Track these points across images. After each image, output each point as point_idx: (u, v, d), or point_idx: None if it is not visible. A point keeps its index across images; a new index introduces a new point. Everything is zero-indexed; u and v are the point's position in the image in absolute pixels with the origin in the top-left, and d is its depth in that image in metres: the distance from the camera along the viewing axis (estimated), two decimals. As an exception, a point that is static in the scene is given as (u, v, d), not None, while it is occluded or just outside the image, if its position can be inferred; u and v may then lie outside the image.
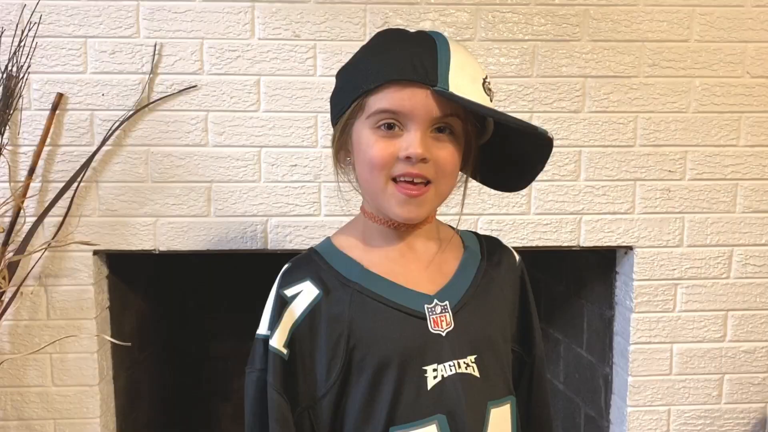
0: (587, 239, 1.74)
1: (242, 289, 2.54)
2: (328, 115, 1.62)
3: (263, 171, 1.67)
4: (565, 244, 1.74)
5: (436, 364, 0.91)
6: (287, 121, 1.66)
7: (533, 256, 1.90)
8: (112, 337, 1.73)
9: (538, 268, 2.38)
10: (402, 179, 0.90)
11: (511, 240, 1.71)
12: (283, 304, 0.94)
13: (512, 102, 1.68)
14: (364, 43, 0.99)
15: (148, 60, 1.62)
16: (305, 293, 0.94)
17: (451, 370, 0.92)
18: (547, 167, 1.67)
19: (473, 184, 1.04)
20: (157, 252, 1.68)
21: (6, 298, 1.58)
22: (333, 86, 1.00)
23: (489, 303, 0.99)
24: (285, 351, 0.93)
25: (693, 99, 1.72)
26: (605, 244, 1.75)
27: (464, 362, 0.93)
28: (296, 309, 0.94)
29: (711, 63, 1.71)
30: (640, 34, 1.69)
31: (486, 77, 0.93)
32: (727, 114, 1.73)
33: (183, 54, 1.63)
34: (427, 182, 0.91)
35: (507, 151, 0.98)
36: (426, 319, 0.93)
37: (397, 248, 0.98)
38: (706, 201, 1.75)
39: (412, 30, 0.95)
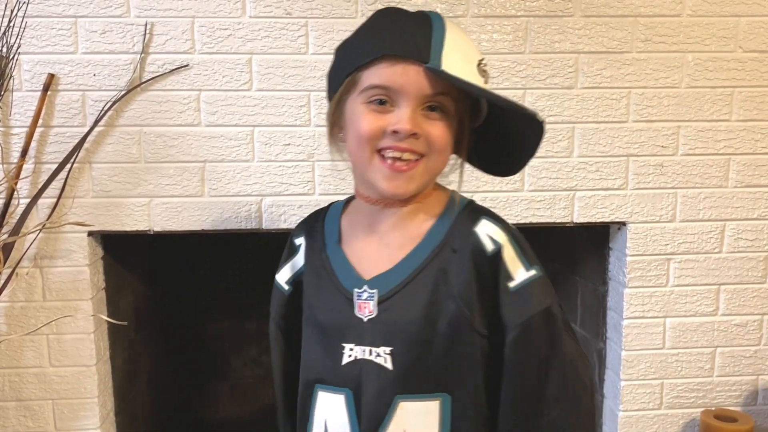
0: (580, 215, 1.75)
1: (238, 269, 2.55)
2: (321, 94, 1.64)
3: (257, 150, 1.67)
4: (559, 221, 1.75)
5: (353, 345, 0.96)
6: (280, 99, 1.65)
7: (527, 233, 1.90)
8: (108, 317, 1.74)
9: (532, 245, 2.39)
10: (389, 153, 0.90)
11: (504, 217, 1.69)
12: (292, 249, 1.09)
13: (505, 79, 1.67)
14: (357, 20, 0.99)
15: (139, 39, 1.61)
16: (303, 248, 1.07)
17: (363, 354, 0.95)
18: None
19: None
20: (152, 232, 1.69)
21: (2, 279, 1.58)
22: (326, 64, 1.00)
23: (422, 298, 0.94)
24: (287, 287, 1.09)
25: (685, 74, 1.72)
26: (598, 220, 1.76)
27: (377, 351, 0.94)
28: (299, 259, 1.07)
29: (703, 38, 1.71)
30: (633, 9, 1.68)
31: (482, 59, 0.94)
32: (720, 89, 1.73)
33: (174, 33, 1.62)
34: (419, 157, 0.91)
35: (500, 136, 0.98)
36: (353, 301, 0.97)
37: (367, 226, 1.01)
38: (698, 176, 1.76)
39: (411, 9, 0.95)
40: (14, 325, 1.68)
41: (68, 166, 1.61)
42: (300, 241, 1.08)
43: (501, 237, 0.97)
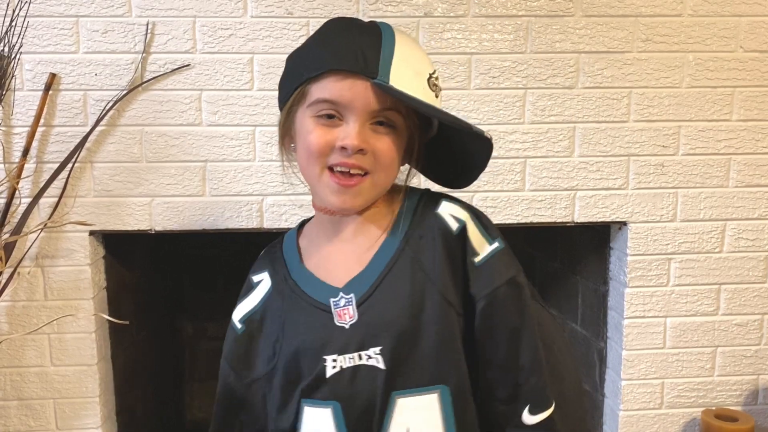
0: (581, 215, 1.75)
1: (239, 269, 2.55)
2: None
3: (258, 150, 1.67)
4: (560, 220, 1.75)
5: (336, 355, 0.94)
6: (281, 99, 1.65)
7: (528, 232, 1.91)
8: (109, 316, 1.74)
9: (533, 245, 2.39)
10: (338, 169, 0.91)
11: (505, 217, 1.72)
12: (249, 287, 1.06)
13: (506, 78, 1.67)
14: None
15: (140, 39, 1.61)
16: (264, 283, 1.04)
17: (350, 362, 0.93)
18: (541, 144, 1.69)
19: None
20: (153, 232, 1.69)
21: (3, 278, 1.58)
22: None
23: (402, 289, 0.95)
24: (240, 326, 1.04)
25: (686, 74, 1.72)
26: (599, 220, 1.76)
27: (367, 354, 0.93)
28: (256, 296, 1.04)
29: (704, 37, 1.71)
30: (634, 9, 1.68)
31: (433, 72, 0.94)
32: (720, 89, 1.73)
33: (175, 33, 1.62)
34: (365, 173, 0.91)
35: (454, 149, 0.98)
36: (332, 312, 0.95)
37: (329, 238, 1.00)
38: (699, 176, 1.76)
39: (365, 20, 0.95)
40: (16, 325, 1.68)
41: (70, 165, 1.62)
42: (259, 277, 1.05)
43: (463, 215, 0.97)
